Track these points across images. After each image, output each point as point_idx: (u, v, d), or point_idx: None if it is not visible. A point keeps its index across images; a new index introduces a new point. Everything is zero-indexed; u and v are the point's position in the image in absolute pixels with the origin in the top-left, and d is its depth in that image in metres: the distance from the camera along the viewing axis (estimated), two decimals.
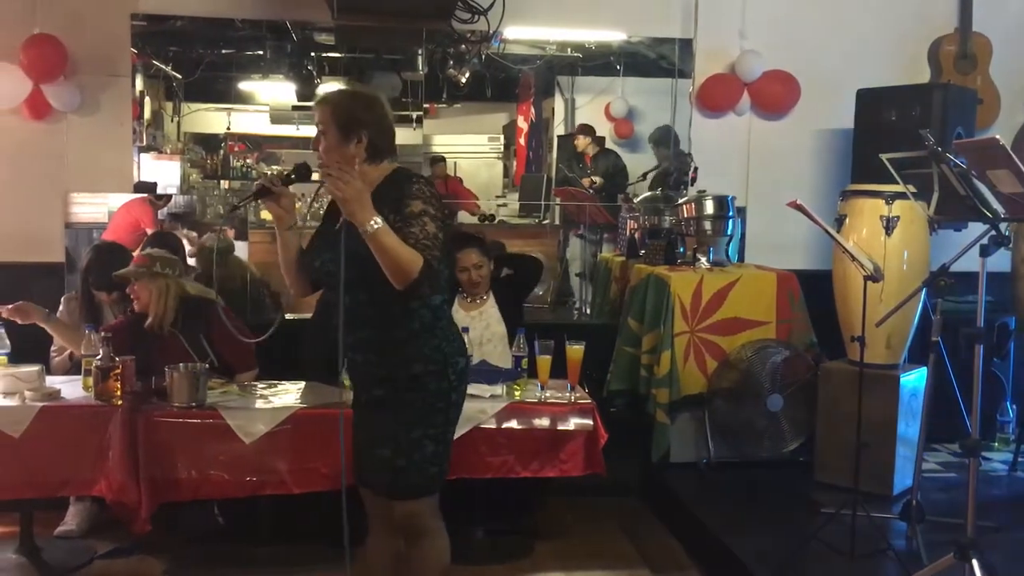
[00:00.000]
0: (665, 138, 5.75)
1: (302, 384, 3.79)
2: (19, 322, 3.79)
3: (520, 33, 5.23)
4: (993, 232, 2.87)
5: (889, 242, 4.09)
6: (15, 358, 3.64)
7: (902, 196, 3.84)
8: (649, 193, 5.07)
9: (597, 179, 5.98)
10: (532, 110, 6.28)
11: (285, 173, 2.60)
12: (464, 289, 4.16)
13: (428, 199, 2.54)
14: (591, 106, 6.14)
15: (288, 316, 4.87)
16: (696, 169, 5.12)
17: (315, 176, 2.60)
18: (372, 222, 2.37)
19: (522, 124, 6.34)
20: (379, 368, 2.63)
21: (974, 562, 2.78)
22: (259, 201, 2.66)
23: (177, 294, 3.84)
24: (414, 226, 2.48)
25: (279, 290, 4.94)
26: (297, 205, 2.72)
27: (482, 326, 4.10)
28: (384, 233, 2.39)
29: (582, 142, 6.13)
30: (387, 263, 2.42)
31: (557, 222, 6.02)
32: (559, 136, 6.24)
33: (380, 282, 2.46)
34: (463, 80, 5.37)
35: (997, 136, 2.75)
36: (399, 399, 2.61)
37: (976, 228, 3.03)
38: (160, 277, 3.81)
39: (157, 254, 3.91)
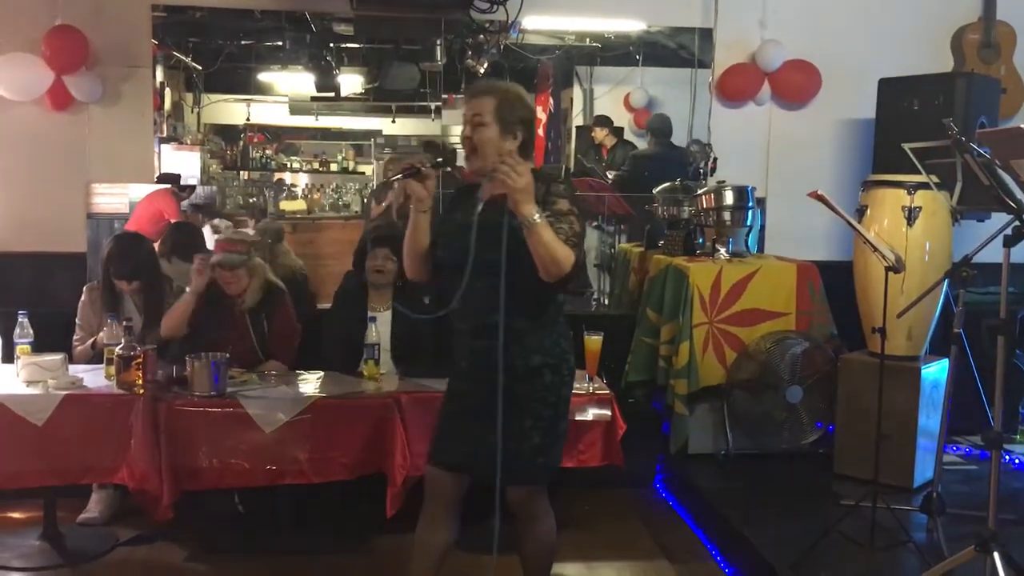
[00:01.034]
0: (661, 126, 5.72)
1: (321, 374, 3.80)
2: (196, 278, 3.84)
3: (539, 23, 5.22)
4: (1017, 222, 2.84)
5: (911, 233, 4.06)
6: (38, 347, 3.67)
7: (924, 186, 3.80)
8: (668, 184, 5.04)
9: (610, 174, 5.96)
10: (551, 100, 6.25)
11: (435, 158, 2.68)
12: None
13: (573, 200, 2.63)
14: (610, 96, 6.11)
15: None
16: (715, 159, 5.09)
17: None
18: (536, 215, 2.45)
19: (540, 114, 6.32)
20: (497, 355, 2.61)
21: (995, 555, 2.76)
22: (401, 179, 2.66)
23: (263, 277, 3.93)
24: (563, 223, 2.55)
25: (314, 289, 5.01)
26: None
27: None
28: (544, 226, 2.46)
29: (599, 134, 6.10)
30: (544, 255, 2.47)
31: None
32: (578, 126, 6.22)
33: (520, 270, 2.50)
34: (482, 70, 5.36)
35: (1022, 125, 2.73)
36: (512, 389, 2.62)
37: (999, 219, 3.00)
38: (254, 261, 3.91)
39: (249, 239, 3.95)
